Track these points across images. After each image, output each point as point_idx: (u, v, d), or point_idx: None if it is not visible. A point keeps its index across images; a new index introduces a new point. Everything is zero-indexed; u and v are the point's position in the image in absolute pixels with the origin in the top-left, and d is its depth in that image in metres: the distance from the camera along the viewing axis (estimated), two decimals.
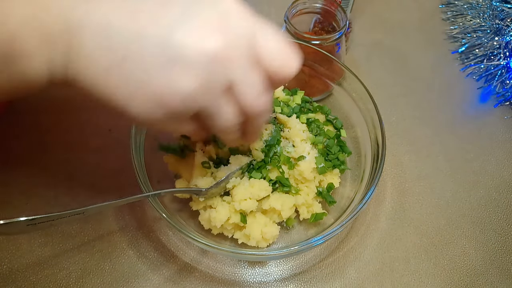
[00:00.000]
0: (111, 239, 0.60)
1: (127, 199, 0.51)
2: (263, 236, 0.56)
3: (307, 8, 0.73)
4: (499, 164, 0.71)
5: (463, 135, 0.74)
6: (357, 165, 0.65)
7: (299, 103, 0.68)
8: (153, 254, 0.59)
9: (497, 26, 0.84)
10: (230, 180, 0.57)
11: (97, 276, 0.57)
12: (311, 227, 0.62)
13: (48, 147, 0.69)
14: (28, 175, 0.66)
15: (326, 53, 0.67)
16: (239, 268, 0.59)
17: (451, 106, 0.78)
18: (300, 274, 0.59)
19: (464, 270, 0.60)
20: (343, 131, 0.67)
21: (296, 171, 0.59)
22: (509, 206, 0.66)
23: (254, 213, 0.58)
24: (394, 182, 0.68)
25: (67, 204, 0.63)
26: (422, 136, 0.74)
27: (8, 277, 0.56)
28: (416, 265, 0.60)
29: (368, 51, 0.86)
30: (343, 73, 0.68)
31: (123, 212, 0.63)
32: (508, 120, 0.76)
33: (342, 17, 0.70)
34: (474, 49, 0.85)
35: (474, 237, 0.63)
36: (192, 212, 0.61)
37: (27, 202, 0.63)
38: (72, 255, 0.59)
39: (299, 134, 0.62)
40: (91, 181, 0.66)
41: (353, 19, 0.86)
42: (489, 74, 0.82)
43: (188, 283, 0.57)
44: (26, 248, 0.59)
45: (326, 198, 0.61)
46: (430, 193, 0.67)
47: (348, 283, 0.58)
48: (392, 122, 0.75)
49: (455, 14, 0.92)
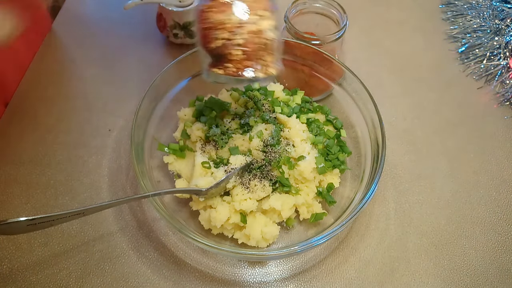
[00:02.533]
0: (111, 239, 0.60)
1: (127, 199, 0.51)
2: (263, 236, 0.56)
3: (307, 8, 0.73)
4: (499, 164, 0.71)
5: (463, 135, 0.74)
6: (357, 165, 0.65)
7: (299, 103, 0.68)
8: (153, 254, 0.59)
9: (497, 26, 0.84)
10: (230, 180, 0.57)
11: (97, 276, 0.57)
12: (311, 227, 0.62)
13: (48, 147, 0.69)
14: (28, 175, 0.66)
15: (326, 53, 0.67)
16: (239, 268, 0.59)
17: (451, 106, 0.78)
18: (300, 274, 0.59)
19: (464, 270, 0.60)
20: (343, 131, 0.67)
21: (296, 171, 0.59)
22: (509, 206, 0.66)
23: (254, 213, 0.58)
24: (394, 182, 0.68)
25: (67, 204, 0.63)
26: (422, 136, 0.74)
27: (8, 277, 0.56)
28: (416, 265, 0.60)
29: (368, 51, 0.86)
30: (343, 73, 0.68)
31: (123, 212, 0.63)
32: (508, 120, 0.76)
33: (342, 17, 0.70)
34: (474, 49, 0.85)
35: (474, 237, 0.63)
36: (192, 212, 0.61)
37: (27, 202, 0.63)
38: (72, 255, 0.59)
39: (299, 134, 0.62)
40: (91, 181, 0.66)
41: (353, 19, 0.86)
42: (489, 74, 0.82)
43: (188, 283, 0.57)
44: (26, 248, 0.59)
45: (326, 198, 0.61)
46: (430, 193, 0.67)
47: (348, 283, 0.58)
48: (392, 122, 0.75)
49: (455, 14, 0.92)
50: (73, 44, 0.84)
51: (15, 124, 0.72)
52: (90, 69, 0.80)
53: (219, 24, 0.42)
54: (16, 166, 0.67)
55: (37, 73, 0.79)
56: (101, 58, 0.82)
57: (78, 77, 0.79)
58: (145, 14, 0.88)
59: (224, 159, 0.62)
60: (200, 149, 0.62)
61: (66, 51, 0.83)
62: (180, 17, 0.76)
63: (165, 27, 0.79)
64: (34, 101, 0.75)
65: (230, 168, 0.59)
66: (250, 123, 0.63)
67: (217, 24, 0.42)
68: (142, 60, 0.82)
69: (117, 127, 0.72)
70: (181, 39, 0.80)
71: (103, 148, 0.69)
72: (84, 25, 0.88)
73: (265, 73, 0.44)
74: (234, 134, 0.62)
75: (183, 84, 0.68)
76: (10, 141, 0.69)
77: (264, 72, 0.44)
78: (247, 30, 0.42)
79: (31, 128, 0.71)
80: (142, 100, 0.61)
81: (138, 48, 0.84)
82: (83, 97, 0.76)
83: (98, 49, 0.84)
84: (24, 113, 0.73)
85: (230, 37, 0.42)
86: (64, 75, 0.80)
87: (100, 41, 0.85)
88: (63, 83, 0.78)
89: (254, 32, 0.42)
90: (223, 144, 0.61)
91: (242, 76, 0.43)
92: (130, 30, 0.87)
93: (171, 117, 0.68)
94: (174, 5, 0.76)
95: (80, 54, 0.83)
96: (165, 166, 0.64)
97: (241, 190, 0.57)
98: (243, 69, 0.43)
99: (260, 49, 0.43)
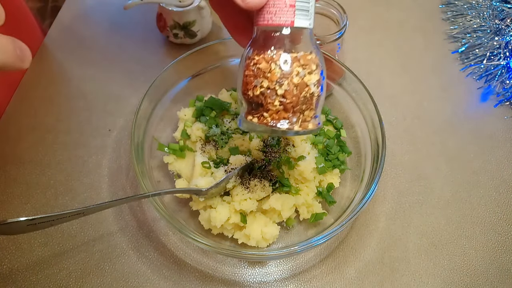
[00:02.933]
0: (111, 239, 0.60)
1: (127, 199, 0.51)
2: (263, 236, 0.56)
3: None
4: (499, 164, 0.71)
5: (463, 135, 0.74)
6: (357, 165, 0.65)
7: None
8: (153, 254, 0.59)
9: (497, 26, 0.84)
10: (230, 180, 0.57)
11: (97, 276, 0.57)
12: (311, 227, 0.62)
13: (48, 147, 0.69)
14: (28, 175, 0.66)
15: (326, 53, 0.67)
16: (239, 268, 0.59)
17: (451, 106, 0.78)
18: (300, 274, 0.59)
19: (464, 270, 0.60)
20: (343, 131, 0.67)
21: (296, 171, 0.59)
22: (509, 206, 0.66)
23: (254, 213, 0.58)
24: (394, 182, 0.68)
25: (67, 204, 0.63)
26: (422, 136, 0.74)
27: (8, 277, 0.56)
28: (416, 265, 0.60)
29: (368, 51, 0.86)
30: (343, 73, 0.68)
31: (123, 212, 0.63)
32: (508, 120, 0.76)
33: (342, 17, 0.70)
34: (474, 49, 0.85)
35: (474, 237, 0.63)
36: (192, 212, 0.61)
37: (27, 202, 0.63)
38: (72, 255, 0.59)
39: None
40: (91, 181, 0.66)
41: (353, 19, 0.86)
42: (489, 74, 0.82)
43: (188, 283, 0.57)
44: (26, 248, 0.59)
45: (326, 198, 0.61)
46: (430, 193, 0.67)
47: (348, 283, 0.58)
48: (392, 122, 0.75)
49: (455, 14, 0.92)
50: (73, 44, 0.84)
51: (15, 124, 0.72)
52: (90, 69, 0.80)
53: (264, 72, 0.42)
54: (16, 166, 0.67)
55: (37, 73, 0.79)
56: (101, 58, 0.82)
57: (78, 77, 0.79)
58: (145, 14, 0.88)
59: (224, 159, 0.62)
60: (200, 149, 0.62)
61: (66, 51, 0.83)
62: (180, 17, 0.76)
63: (165, 27, 0.79)
64: (34, 101, 0.75)
65: (230, 168, 0.59)
66: None
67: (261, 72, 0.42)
68: (142, 60, 0.82)
69: (117, 127, 0.72)
70: (181, 39, 0.80)
71: (103, 148, 0.70)
72: (84, 25, 0.88)
73: (301, 127, 0.43)
74: (234, 134, 0.62)
75: (183, 84, 0.68)
76: (10, 141, 0.69)
77: (300, 126, 0.43)
78: (290, 81, 0.41)
79: (31, 128, 0.71)
80: (142, 100, 0.61)
81: (138, 48, 0.84)
82: (83, 97, 0.76)
83: (98, 49, 0.84)
84: (24, 113, 0.73)
85: (271, 86, 0.41)
86: (64, 75, 0.80)
87: (100, 41, 0.85)
88: (63, 83, 0.78)
89: (296, 85, 0.41)
90: (223, 144, 0.61)
91: (276, 127, 0.42)
92: (130, 30, 0.87)
93: (171, 117, 0.68)
94: (174, 5, 0.76)
95: (80, 54, 0.83)
96: (165, 166, 0.64)
97: (241, 190, 0.57)
98: (279, 121, 0.42)
99: (299, 102, 0.42)
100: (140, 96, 0.61)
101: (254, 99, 0.43)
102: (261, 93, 0.42)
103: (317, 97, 0.44)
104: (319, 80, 0.43)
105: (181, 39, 0.81)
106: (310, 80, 0.42)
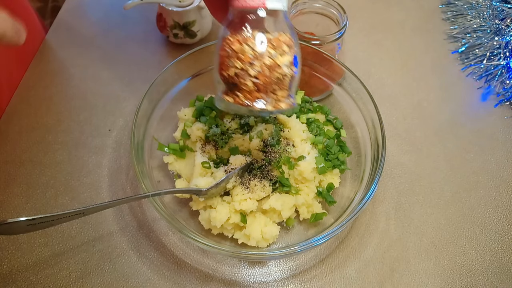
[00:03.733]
0: (111, 239, 0.60)
1: (127, 199, 0.51)
2: (263, 236, 0.56)
3: (307, 8, 0.73)
4: (499, 164, 0.71)
5: (463, 135, 0.74)
6: (357, 165, 0.65)
7: (299, 103, 0.68)
8: (153, 254, 0.59)
9: (497, 26, 0.84)
10: (230, 180, 0.57)
11: (97, 276, 0.57)
12: (311, 227, 0.62)
13: (48, 147, 0.69)
14: (28, 175, 0.66)
15: (326, 53, 0.67)
16: (239, 268, 0.59)
17: (451, 106, 0.78)
18: (300, 274, 0.59)
19: (464, 270, 0.60)
20: (343, 131, 0.67)
21: (296, 171, 0.59)
22: (509, 206, 0.66)
23: (254, 213, 0.58)
24: (394, 182, 0.68)
25: (67, 204, 0.63)
26: (422, 136, 0.74)
27: (8, 277, 0.56)
28: (416, 265, 0.60)
29: (368, 51, 0.86)
30: (343, 73, 0.68)
31: (123, 212, 0.63)
32: (508, 120, 0.76)
33: (342, 17, 0.70)
34: (474, 49, 0.85)
35: (474, 237, 0.63)
36: (192, 212, 0.61)
37: (27, 202, 0.63)
38: (72, 255, 0.59)
39: (299, 134, 0.62)
40: (91, 181, 0.66)
41: (353, 19, 0.86)
42: (489, 74, 0.82)
43: (188, 283, 0.57)
44: (26, 248, 0.59)
45: (326, 198, 0.61)
46: (430, 193, 0.67)
47: (348, 283, 0.58)
48: (392, 122, 0.75)
49: (455, 14, 0.92)
50: (73, 44, 0.84)
51: (15, 124, 0.72)
52: (90, 69, 0.80)
53: (237, 53, 0.43)
54: (16, 166, 0.67)
55: (37, 73, 0.79)
56: (101, 58, 0.82)
57: (78, 77, 0.79)
58: (145, 14, 0.88)
59: (224, 159, 0.62)
60: (200, 149, 0.62)
61: (66, 51, 0.83)
62: (180, 17, 0.76)
63: (165, 27, 0.79)
64: (34, 101, 0.75)
65: (230, 168, 0.59)
66: (250, 123, 0.63)
67: (234, 53, 0.43)
68: (142, 60, 0.82)
69: (117, 127, 0.72)
70: (181, 39, 0.80)
71: (103, 148, 0.70)
72: (84, 25, 0.88)
73: (274, 106, 0.45)
74: (234, 134, 0.62)
75: (183, 84, 0.68)
76: (10, 141, 0.69)
77: (273, 105, 0.45)
78: (262, 63, 0.43)
79: (31, 128, 0.71)
80: (142, 100, 0.61)
81: (138, 48, 0.84)
82: (83, 97, 0.76)
83: (98, 49, 0.84)
84: (24, 113, 0.73)
85: (244, 67, 0.43)
86: (64, 75, 0.80)
87: (100, 41, 0.85)
88: (63, 83, 0.78)
89: (269, 66, 0.43)
90: (223, 144, 0.61)
91: (250, 107, 0.44)
92: (130, 30, 0.87)
93: (171, 117, 0.68)
94: (174, 5, 0.76)
95: (80, 54, 0.83)
96: (165, 166, 0.64)
97: (241, 190, 0.57)
98: (253, 100, 0.44)
99: (272, 83, 0.44)
100: (140, 96, 0.61)
101: (229, 79, 0.44)
102: (235, 74, 0.43)
103: (290, 78, 0.45)
104: (291, 61, 0.44)
105: (181, 39, 0.81)
106: (282, 61, 0.43)
